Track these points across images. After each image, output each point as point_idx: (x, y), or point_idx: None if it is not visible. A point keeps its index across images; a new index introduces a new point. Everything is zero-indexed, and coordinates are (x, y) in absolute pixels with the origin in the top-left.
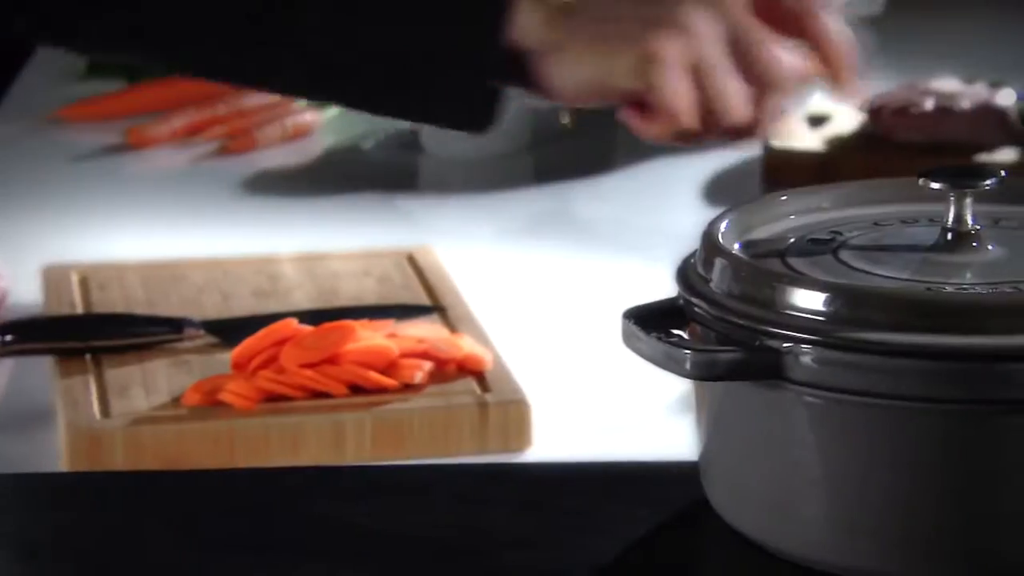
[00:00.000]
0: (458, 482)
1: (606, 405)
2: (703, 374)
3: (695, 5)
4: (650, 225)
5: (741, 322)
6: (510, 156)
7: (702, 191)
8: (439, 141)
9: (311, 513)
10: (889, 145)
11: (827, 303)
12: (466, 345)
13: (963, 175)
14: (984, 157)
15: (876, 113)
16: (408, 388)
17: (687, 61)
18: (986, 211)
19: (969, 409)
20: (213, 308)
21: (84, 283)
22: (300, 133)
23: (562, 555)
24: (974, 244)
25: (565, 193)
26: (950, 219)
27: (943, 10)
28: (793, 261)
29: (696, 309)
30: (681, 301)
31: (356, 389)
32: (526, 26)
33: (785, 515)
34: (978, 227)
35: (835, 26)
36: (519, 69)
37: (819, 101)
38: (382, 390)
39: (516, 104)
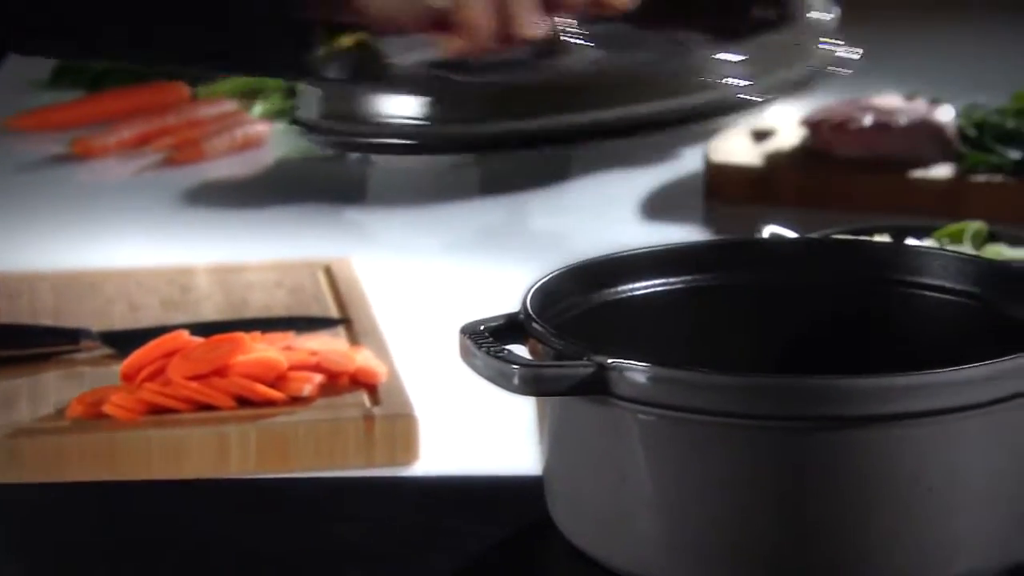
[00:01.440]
0: (331, 496)
1: (501, 420)
2: (531, 390)
3: None
4: (592, 239)
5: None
6: (459, 168)
7: (645, 205)
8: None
9: (191, 526)
10: (827, 160)
11: None
12: (361, 358)
13: None
14: (920, 173)
15: (815, 128)
16: (296, 401)
17: None
18: None
19: (787, 425)
20: (120, 319)
21: None
22: (250, 144)
23: (396, 572)
24: None
25: (512, 206)
26: None
27: (900, 26)
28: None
29: (534, 324)
30: (522, 316)
31: (244, 402)
32: None
33: (619, 532)
34: None
35: None
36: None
37: (763, 116)
38: (269, 403)
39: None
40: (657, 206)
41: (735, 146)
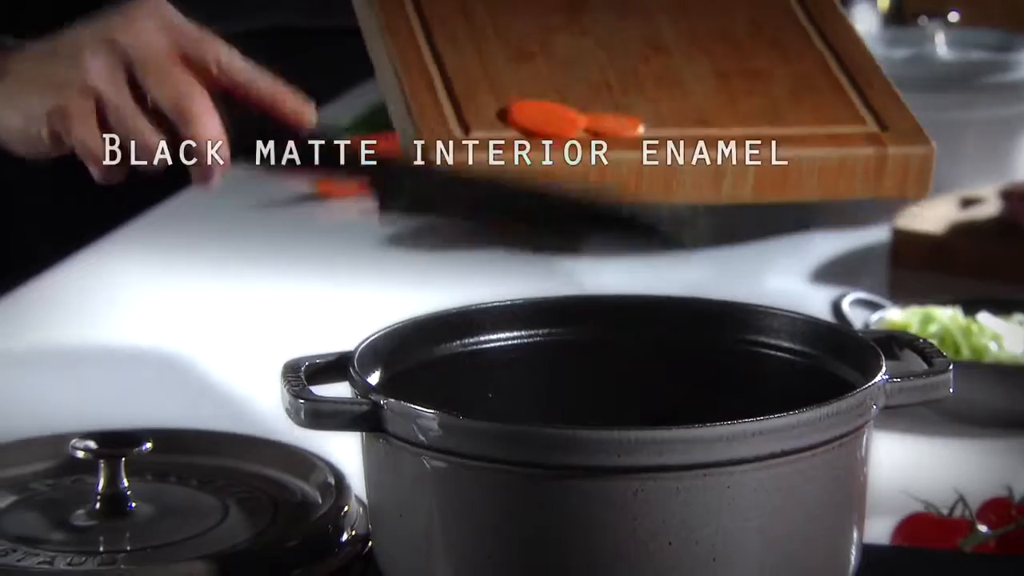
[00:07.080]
0: None
1: None
2: (312, 423)
3: (92, 56)
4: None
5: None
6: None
7: (836, 265)
8: None
9: None
10: (1014, 231)
11: None
12: None
13: None
14: None
15: (1008, 198)
16: None
17: (92, 110)
18: None
19: (529, 472)
20: None
21: None
22: None
23: None
24: None
25: (718, 262)
26: None
27: None
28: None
29: (349, 367)
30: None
31: None
32: None
33: (408, 569)
34: None
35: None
36: None
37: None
38: None
39: None
40: (844, 269)
41: (935, 212)
